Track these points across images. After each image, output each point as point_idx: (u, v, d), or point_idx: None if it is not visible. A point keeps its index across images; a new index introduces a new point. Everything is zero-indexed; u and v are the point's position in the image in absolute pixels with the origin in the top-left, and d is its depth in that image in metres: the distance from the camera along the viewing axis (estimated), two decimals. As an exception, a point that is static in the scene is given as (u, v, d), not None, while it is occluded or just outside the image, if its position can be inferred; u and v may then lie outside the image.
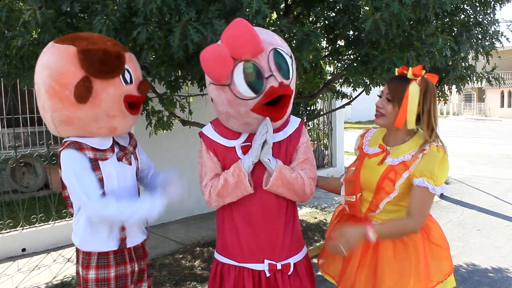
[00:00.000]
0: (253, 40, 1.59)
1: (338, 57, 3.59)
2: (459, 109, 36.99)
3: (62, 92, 1.66)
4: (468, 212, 6.09)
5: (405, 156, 1.76)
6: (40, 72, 1.72)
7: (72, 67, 1.66)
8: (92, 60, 1.66)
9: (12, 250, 4.38)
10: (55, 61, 1.68)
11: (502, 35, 3.33)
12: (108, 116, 1.74)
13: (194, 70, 2.70)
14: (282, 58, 1.67)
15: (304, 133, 1.88)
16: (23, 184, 6.45)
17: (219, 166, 1.83)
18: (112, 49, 1.73)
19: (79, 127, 1.73)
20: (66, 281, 3.77)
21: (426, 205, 1.75)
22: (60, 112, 1.70)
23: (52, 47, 1.73)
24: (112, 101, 1.72)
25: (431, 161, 1.71)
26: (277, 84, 1.63)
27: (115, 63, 1.72)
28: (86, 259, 1.80)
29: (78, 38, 1.74)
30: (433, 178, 1.70)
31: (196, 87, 3.36)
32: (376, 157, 1.84)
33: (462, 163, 10.43)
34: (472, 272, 4.01)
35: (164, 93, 3.30)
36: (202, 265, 4.01)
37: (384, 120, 1.80)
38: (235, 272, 1.83)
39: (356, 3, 2.70)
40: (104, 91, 1.69)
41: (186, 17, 2.15)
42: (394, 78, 1.80)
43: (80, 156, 1.71)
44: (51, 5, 2.39)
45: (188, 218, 5.60)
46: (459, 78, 3.40)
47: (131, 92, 1.78)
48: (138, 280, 1.95)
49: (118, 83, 1.73)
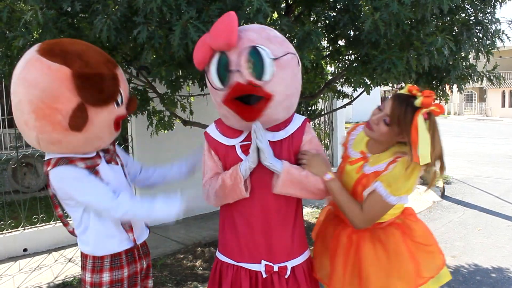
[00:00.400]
0: (227, 33, 1.59)
1: (339, 57, 3.59)
2: (460, 109, 36.97)
3: (53, 117, 1.56)
4: (470, 212, 6.08)
5: (379, 165, 1.73)
6: (25, 87, 1.57)
7: (67, 92, 1.55)
8: (89, 88, 1.58)
9: (13, 250, 4.39)
10: (47, 83, 1.54)
11: (503, 33, 3.32)
12: (98, 138, 1.71)
13: (194, 69, 2.70)
14: (258, 58, 1.61)
15: (307, 131, 1.84)
16: (25, 184, 6.46)
17: (220, 165, 1.83)
18: (107, 72, 1.65)
19: (67, 148, 1.66)
20: (68, 281, 3.78)
21: (375, 210, 1.71)
22: (48, 134, 1.61)
23: (40, 63, 1.57)
24: (104, 126, 1.69)
25: (396, 171, 1.66)
26: (243, 81, 1.60)
27: (111, 89, 1.67)
28: (99, 263, 1.76)
29: (68, 54, 1.59)
30: (392, 187, 1.65)
31: (197, 86, 3.36)
32: (355, 164, 1.82)
33: (463, 163, 10.43)
34: (474, 272, 4.01)
35: (165, 93, 3.30)
36: (204, 265, 4.02)
37: (372, 135, 1.75)
38: (232, 271, 1.83)
39: (357, 2, 2.70)
40: (98, 118, 1.64)
41: (187, 16, 2.15)
42: (399, 100, 1.65)
43: (77, 168, 1.66)
44: (52, 5, 2.40)
45: (189, 218, 5.60)
46: (460, 77, 3.40)
47: (121, 113, 1.75)
48: (145, 277, 1.97)
49: (111, 108, 1.68)
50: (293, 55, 1.72)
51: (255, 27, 1.75)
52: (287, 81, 1.69)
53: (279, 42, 1.70)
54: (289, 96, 1.72)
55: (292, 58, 1.71)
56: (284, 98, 1.70)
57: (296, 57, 1.75)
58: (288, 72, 1.69)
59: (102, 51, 1.73)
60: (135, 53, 2.77)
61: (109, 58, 1.73)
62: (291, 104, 1.76)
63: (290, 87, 1.71)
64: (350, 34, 3.07)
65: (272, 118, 1.73)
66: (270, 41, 1.67)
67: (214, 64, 1.65)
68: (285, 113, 1.76)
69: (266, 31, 1.72)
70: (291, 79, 1.71)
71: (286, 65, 1.67)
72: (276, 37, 1.73)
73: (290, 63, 1.70)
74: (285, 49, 1.69)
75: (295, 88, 1.75)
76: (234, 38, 1.59)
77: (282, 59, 1.66)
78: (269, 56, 1.62)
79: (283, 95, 1.69)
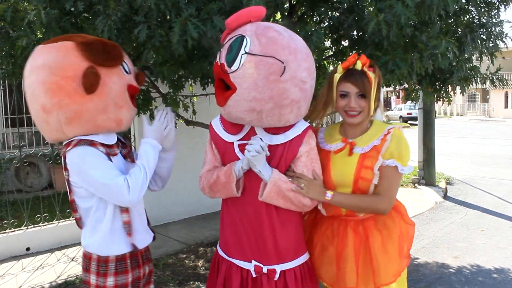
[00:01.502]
0: (233, 16, 1.71)
1: (342, 57, 3.58)
2: (463, 109, 36.88)
3: (68, 85, 1.62)
4: (472, 213, 6.07)
5: (373, 142, 1.81)
6: (35, 74, 1.66)
7: (75, 59, 1.64)
8: (94, 50, 1.67)
9: (16, 250, 4.40)
10: (54, 57, 1.65)
11: (507, 36, 3.32)
12: (116, 105, 1.72)
13: (195, 68, 2.71)
14: (238, 46, 1.63)
15: (306, 142, 1.77)
16: (27, 183, 6.48)
17: (219, 159, 1.85)
18: (108, 41, 1.78)
19: (88, 121, 1.67)
20: (70, 280, 3.79)
21: (396, 184, 1.83)
22: (68, 107, 1.64)
23: (45, 48, 1.70)
24: (119, 89, 1.73)
25: (398, 144, 1.79)
26: (219, 63, 1.69)
27: (115, 51, 1.75)
28: (103, 266, 1.73)
29: (69, 36, 1.74)
30: (401, 159, 1.78)
31: (199, 86, 3.36)
32: (342, 151, 1.84)
33: (465, 163, 10.41)
34: (476, 273, 4.00)
35: (168, 93, 3.31)
36: (206, 265, 4.02)
37: (362, 116, 1.82)
38: (226, 265, 1.86)
39: (362, 3, 2.70)
40: (110, 79, 1.69)
41: (186, 14, 2.16)
42: (354, 75, 1.79)
43: (97, 150, 1.67)
44: (55, 5, 2.40)
45: (191, 218, 5.61)
46: (463, 79, 3.39)
47: (132, 82, 1.80)
48: (147, 282, 1.94)
49: (120, 72, 1.75)
50: (278, 61, 1.60)
51: (267, 24, 1.73)
52: (257, 82, 1.60)
53: (270, 43, 1.62)
54: (257, 100, 1.62)
55: (274, 64, 1.60)
56: (250, 98, 1.62)
57: (283, 67, 1.61)
58: (260, 74, 1.60)
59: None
60: (137, 53, 2.77)
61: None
62: (262, 110, 1.64)
63: (259, 91, 1.61)
64: (353, 35, 3.06)
65: (235, 113, 1.69)
66: (259, 37, 1.63)
67: (227, 40, 1.72)
68: (253, 116, 1.67)
69: (268, 29, 1.67)
70: (263, 83, 1.60)
71: (260, 65, 1.60)
72: (273, 38, 1.64)
73: (266, 66, 1.60)
74: (270, 52, 1.60)
75: (269, 96, 1.62)
76: (232, 20, 1.70)
77: (257, 57, 1.60)
78: (245, 48, 1.62)
79: (248, 93, 1.62)
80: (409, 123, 25.57)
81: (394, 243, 1.86)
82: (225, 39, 1.73)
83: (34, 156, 5.72)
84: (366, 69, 1.79)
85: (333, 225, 1.92)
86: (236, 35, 1.68)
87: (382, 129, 1.83)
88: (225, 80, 1.66)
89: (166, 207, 5.38)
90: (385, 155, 1.78)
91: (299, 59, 1.66)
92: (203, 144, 1.94)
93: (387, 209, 1.82)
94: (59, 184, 5.53)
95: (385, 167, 1.77)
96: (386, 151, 1.78)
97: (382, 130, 1.83)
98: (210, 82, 3.06)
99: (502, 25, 3.29)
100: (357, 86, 1.77)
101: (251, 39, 1.63)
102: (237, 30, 1.70)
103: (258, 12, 1.74)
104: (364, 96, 1.78)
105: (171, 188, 5.79)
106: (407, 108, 27.64)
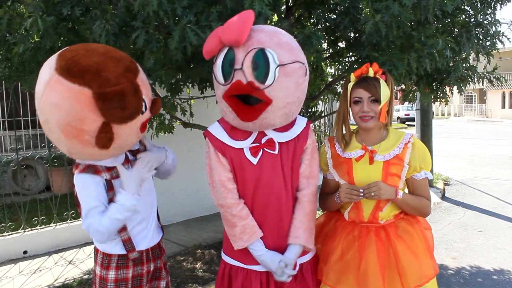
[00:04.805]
0: (239, 29, 1.61)
1: (339, 58, 3.58)
2: (460, 110, 36.98)
3: (81, 137, 1.60)
4: (470, 213, 6.08)
5: (394, 150, 1.88)
6: (49, 110, 1.59)
7: (91, 114, 1.55)
8: (112, 107, 1.56)
9: (13, 253, 4.38)
10: (70, 106, 1.54)
11: (503, 35, 3.32)
12: (127, 145, 1.76)
13: (194, 72, 2.70)
14: (264, 60, 1.61)
15: (310, 135, 1.88)
16: (25, 186, 6.46)
17: (228, 167, 1.80)
18: (128, 86, 1.59)
19: (97, 158, 1.72)
20: (68, 283, 3.77)
21: (428, 191, 1.98)
22: (80, 150, 1.66)
23: (61, 85, 1.54)
24: (131, 135, 1.70)
25: (422, 154, 1.90)
26: (244, 80, 1.61)
27: (135, 105, 1.63)
28: (106, 260, 1.84)
29: (86, 72, 1.54)
30: (428, 167, 1.92)
31: (197, 89, 3.36)
32: (363, 158, 1.89)
33: (463, 164, 10.43)
34: (474, 273, 4.00)
35: (165, 97, 3.30)
36: (204, 267, 4.01)
37: (374, 121, 1.86)
38: (242, 275, 1.83)
39: (357, 5, 2.70)
40: (124, 131, 1.65)
41: (185, 20, 2.15)
42: (366, 81, 1.86)
43: (96, 180, 1.72)
44: (52, 11, 2.39)
45: (189, 220, 5.60)
46: (460, 79, 3.39)
47: (145, 118, 1.74)
48: (155, 278, 1.99)
49: (136, 119, 1.67)
50: (301, 64, 1.71)
51: (269, 29, 1.73)
52: (290, 89, 1.68)
53: (289, 49, 1.68)
54: (289, 104, 1.71)
55: (300, 67, 1.70)
56: (283, 105, 1.69)
57: (305, 67, 1.73)
58: (292, 81, 1.68)
59: (119, 58, 1.65)
60: (135, 57, 2.77)
61: (127, 66, 1.65)
62: (290, 111, 1.74)
63: (291, 95, 1.70)
64: (350, 36, 3.07)
65: (268, 123, 1.73)
66: (280, 46, 1.66)
67: (221, 58, 1.67)
68: (283, 119, 1.75)
69: (278, 36, 1.70)
70: (294, 87, 1.70)
71: (291, 73, 1.67)
72: (288, 43, 1.71)
73: (296, 71, 1.68)
74: (294, 57, 1.68)
75: (297, 97, 1.74)
76: (244, 35, 1.60)
77: (288, 66, 1.65)
78: (275, 61, 1.62)
79: (283, 102, 1.68)
80: (406, 124, 25.63)
81: (419, 246, 1.89)
82: (218, 50, 1.70)
83: (31, 159, 5.71)
84: (378, 76, 1.85)
85: (354, 231, 1.94)
86: (253, 48, 1.62)
87: (400, 137, 1.92)
88: (255, 95, 1.64)
89: (164, 209, 5.34)
90: (415, 167, 1.88)
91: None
92: (200, 146, 1.93)
93: (429, 212, 1.98)
94: (57, 187, 5.52)
95: (421, 179, 1.92)
96: (414, 164, 1.88)
97: (400, 138, 1.91)
98: (209, 86, 3.06)
99: (499, 24, 3.30)
100: (369, 91, 1.83)
101: (275, 50, 1.64)
102: (245, 42, 1.63)
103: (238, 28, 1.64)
104: (376, 101, 1.83)
105: (169, 190, 5.76)
106: (405, 109, 27.69)
